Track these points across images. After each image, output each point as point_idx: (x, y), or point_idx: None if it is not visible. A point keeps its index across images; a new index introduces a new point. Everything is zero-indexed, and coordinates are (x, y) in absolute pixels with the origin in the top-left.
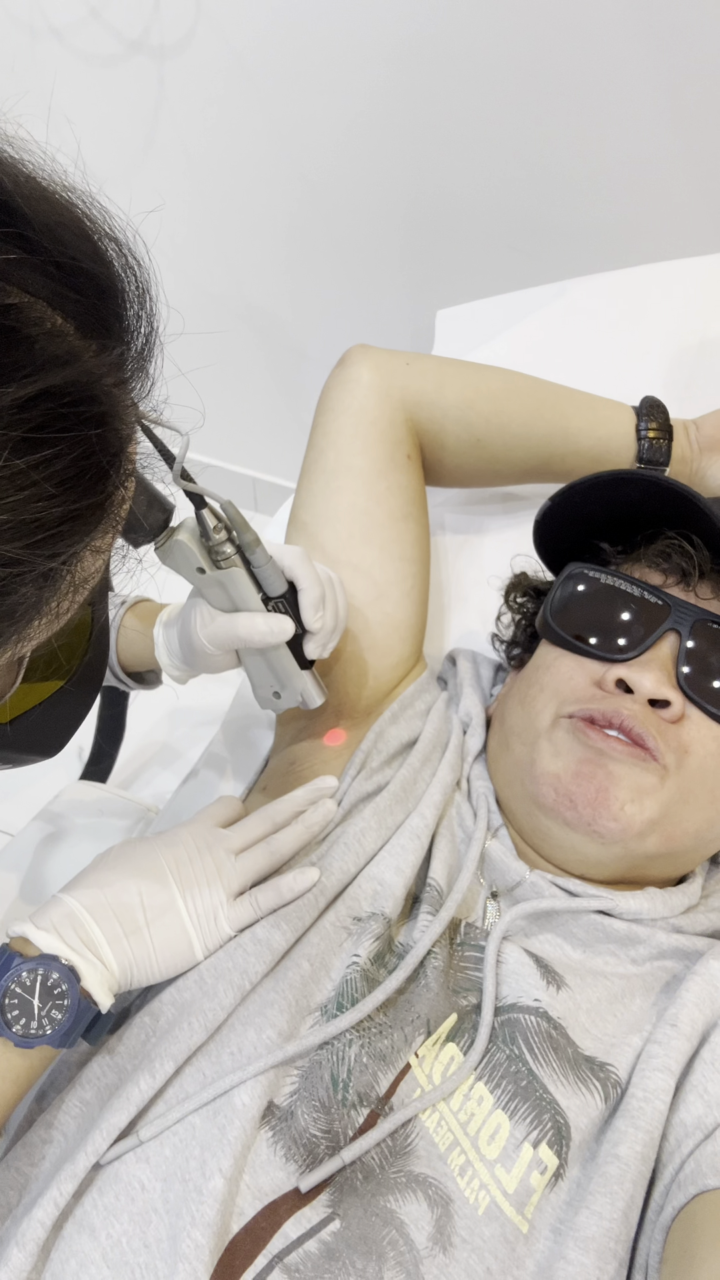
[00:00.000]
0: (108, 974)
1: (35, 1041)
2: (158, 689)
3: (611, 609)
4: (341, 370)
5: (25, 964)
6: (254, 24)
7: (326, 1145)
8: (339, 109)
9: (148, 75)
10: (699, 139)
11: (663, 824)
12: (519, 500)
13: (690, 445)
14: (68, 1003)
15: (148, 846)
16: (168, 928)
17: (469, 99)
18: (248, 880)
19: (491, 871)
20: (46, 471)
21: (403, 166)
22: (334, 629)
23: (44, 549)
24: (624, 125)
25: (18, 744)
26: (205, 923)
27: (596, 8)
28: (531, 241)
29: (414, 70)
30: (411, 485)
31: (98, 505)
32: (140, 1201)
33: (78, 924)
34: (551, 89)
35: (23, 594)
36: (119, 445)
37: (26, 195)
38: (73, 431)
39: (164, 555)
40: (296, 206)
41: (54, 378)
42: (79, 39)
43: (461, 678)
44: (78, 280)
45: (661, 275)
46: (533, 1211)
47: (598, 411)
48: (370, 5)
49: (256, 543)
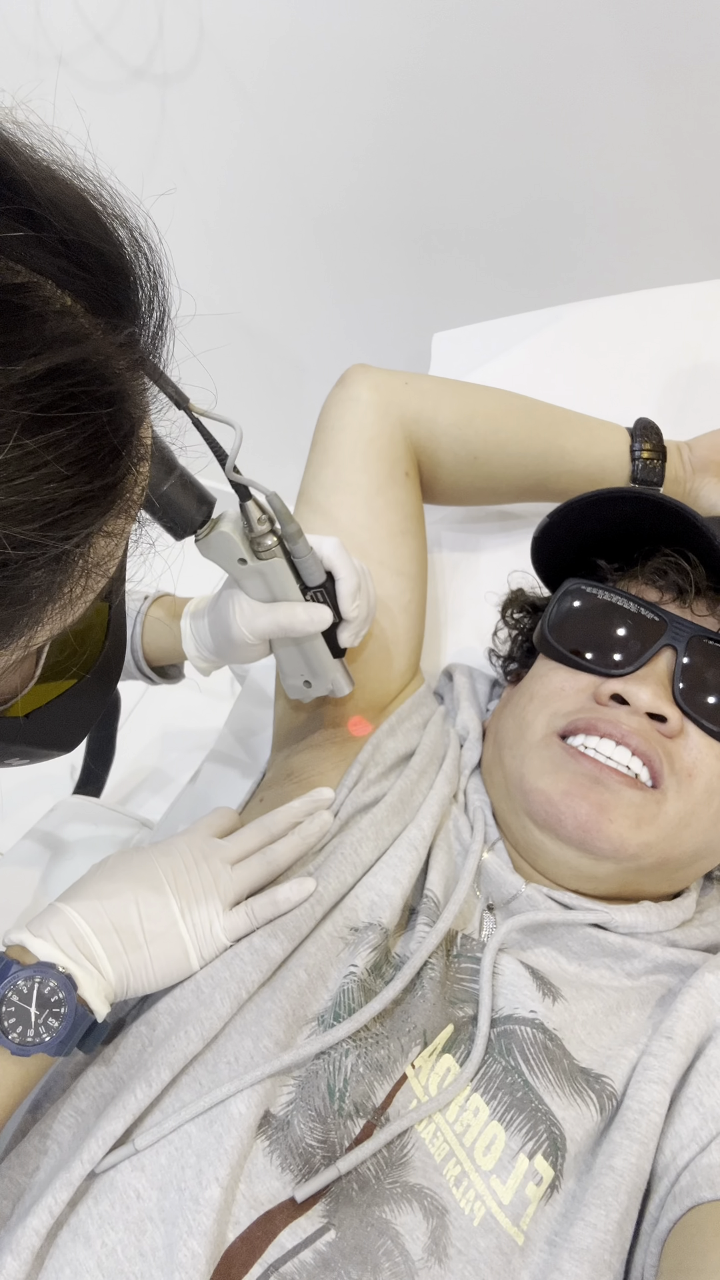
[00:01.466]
0: (104, 983)
1: (32, 1049)
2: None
3: (608, 624)
4: (341, 389)
5: (22, 972)
6: (256, 52)
7: (323, 1155)
8: (339, 136)
9: (151, 101)
10: (691, 169)
11: (660, 845)
12: (515, 518)
13: (684, 466)
14: (65, 1011)
15: (145, 856)
16: (164, 938)
17: (467, 128)
18: (244, 890)
19: (488, 884)
20: (58, 452)
21: (401, 192)
22: (368, 617)
23: (56, 531)
24: (618, 156)
25: (35, 738)
26: (201, 932)
27: (593, 41)
28: (527, 267)
29: (413, 99)
30: (409, 502)
31: (110, 486)
32: (136, 1210)
33: (75, 933)
34: (547, 119)
35: (35, 578)
36: (130, 426)
37: (34, 175)
38: (84, 411)
39: (205, 547)
40: (296, 231)
41: (63, 355)
42: (84, 65)
43: (459, 692)
44: (86, 259)
45: (655, 301)
46: (528, 1223)
47: (593, 432)
48: (371, 36)
49: (299, 534)
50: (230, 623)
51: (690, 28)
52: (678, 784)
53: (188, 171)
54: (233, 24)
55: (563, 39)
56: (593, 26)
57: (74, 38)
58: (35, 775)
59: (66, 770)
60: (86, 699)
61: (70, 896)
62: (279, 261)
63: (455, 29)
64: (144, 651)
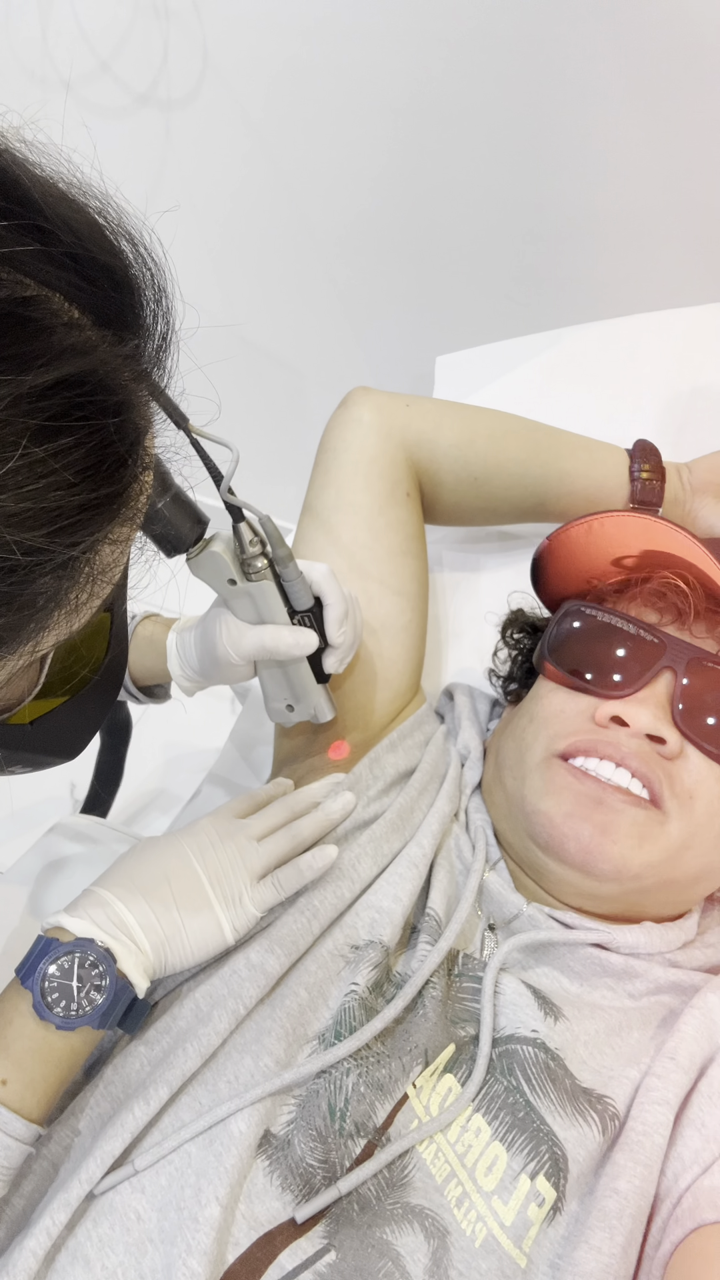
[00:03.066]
0: (143, 957)
1: (76, 1022)
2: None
3: (607, 646)
4: (343, 411)
5: (63, 948)
6: (259, 78)
7: (323, 1175)
8: (342, 161)
9: (155, 126)
10: (687, 197)
11: (662, 867)
12: (515, 539)
13: (683, 487)
14: (106, 983)
15: (171, 838)
16: (197, 911)
17: (469, 154)
18: (270, 864)
19: (489, 903)
20: (65, 460)
21: (404, 217)
22: (353, 644)
23: (63, 538)
24: (616, 183)
25: (39, 745)
26: (232, 904)
27: (593, 72)
28: (528, 291)
29: (416, 124)
30: (411, 522)
31: (116, 494)
32: (136, 1232)
33: (110, 911)
34: (548, 147)
35: (43, 584)
36: (136, 435)
37: (43, 192)
38: (91, 420)
39: (196, 566)
40: (300, 255)
41: (71, 366)
42: (89, 91)
43: (460, 711)
44: (93, 273)
45: (653, 324)
46: (530, 1245)
47: (592, 453)
48: (374, 63)
49: (290, 557)
50: (216, 642)
51: (687, 60)
52: (678, 806)
53: (192, 195)
54: (236, 51)
55: (564, 69)
56: (593, 57)
57: (80, 63)
58: (36, 799)
59: (66, 790)
60: (90, 706)
61: (103, 880)
62: (283, 286)
63: (459, 57)
64: (130, 670)
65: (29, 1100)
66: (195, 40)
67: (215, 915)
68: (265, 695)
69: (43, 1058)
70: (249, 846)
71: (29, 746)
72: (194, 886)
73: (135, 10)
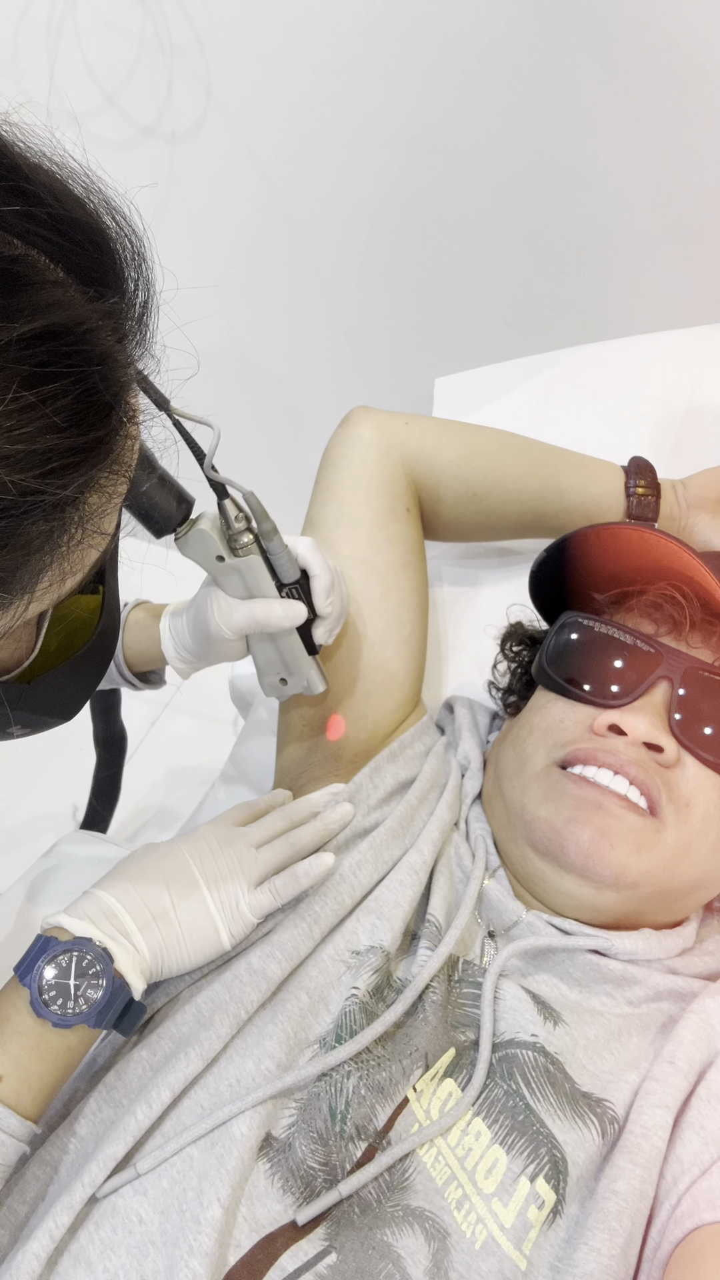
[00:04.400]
0: (140, 958)
1: (73, 1021)
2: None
3: (605, 656)
4: (344, 429)
5: (61, 946)
6: (261, 112)
7: (324, 1178)
8: (342, 192)
9: (159, 159)
10: (681, 222)
11: (659, 875)
12: (513, 554)
13: (678, 503)
14: (103, 982)
15: (170, 844)
16: (194, 914)
17: (468, 182)
18: (268, 871)
19: (488, 911)
20: (55, 405)
21: (403, 246)
22: (340, 614)
23: (54, 479)
24: (612, 209)
25: (39, 705)
26: (229, 910)
27: (589, 100)
28: (526, 314)
29: (415, 156)
30: (410, 537)
31: (102, 440)
32: (138, 1234)
33: (109, 912)
34: (546, 173)
35: (36, 526)
36: (119, 387)
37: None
38: (76, 368)
39: (184, 545)
40: (301, 280)
41: (55, 317)
42: (95, 124)
43: (460, 723)
44: (74, 235)
45: (648, 346)
46: (531, 1248)
47: (589, 469)
48: (373, 96)
49: (274, 531)
50: (208, 620)
51: (680, 91)
52: (676, 813)
53: (194, 224)
54: (239, 85)
55: (561, 101)
56: (589, 86)
57: (87, 97)
58: (37, 813)
59: (69, 810)
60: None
61: (103, 882)
62: (284, 309)
63: (459, 91)
64: (125, 655)
65: (25, 1097)
66: (199, 75)
67: (212, 921)
68: (259, 671)
69: (39, 1055)
70: (247, 854)
71: (29, 706)
72: (192, 892)
73: (140, 45)
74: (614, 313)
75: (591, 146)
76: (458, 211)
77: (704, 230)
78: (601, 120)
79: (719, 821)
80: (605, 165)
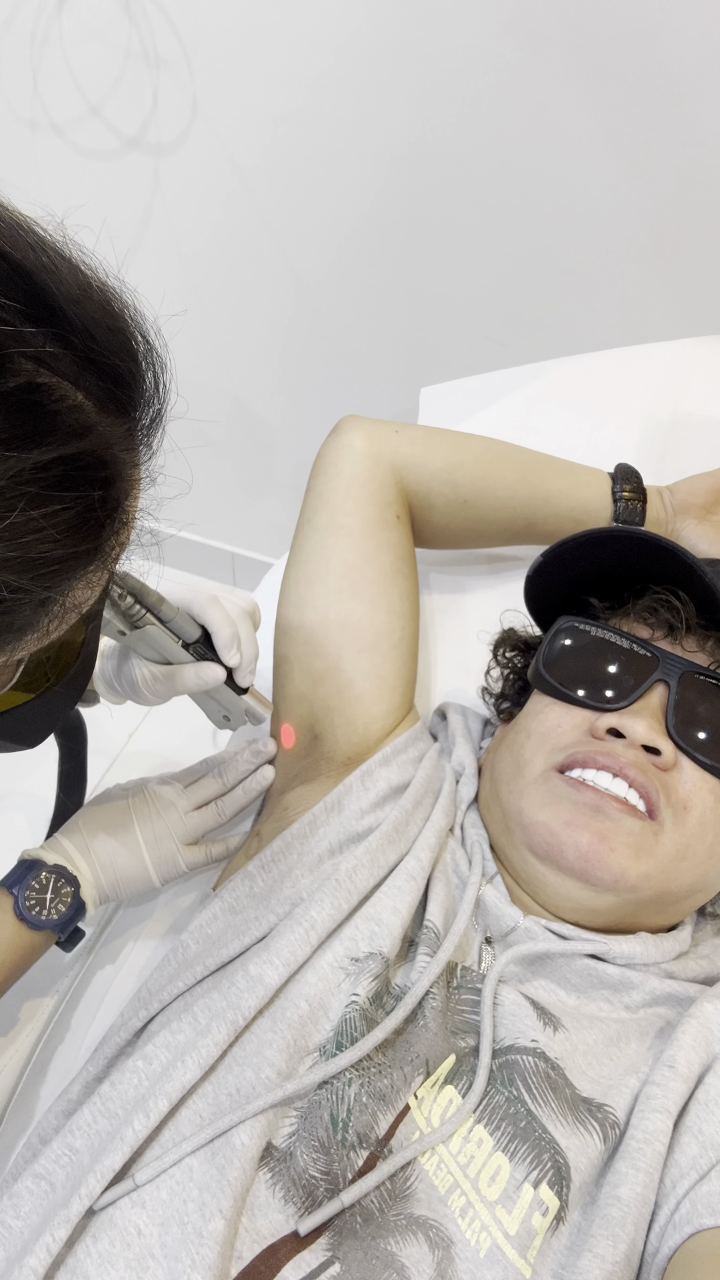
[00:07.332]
0: (95, 890)
1: (43, 925)
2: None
3: (601, 661)
4: (334, 438)
5: (45, 867)
6: (247, 124)
7: (326, 1187)
8: (327, 206)
9: (144, 171)
10: (664, 238)
11: (657, 878)
12: (503, 561)
13: (665, 508)
14: (70, 900)
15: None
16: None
17: (454, 197)
18: (198, 834)
19: (486, 917)
20: (54, 521)
21: (389, 256)
22: (254, 657)
23: (44, 581)
24: (597, 224)
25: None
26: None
27: (575, 119)
28: (511, 326)
29: (400, 172)
30: (400, 544)
31: (93, 549)
32: (137, 1247)
33: (76, 849)
34: (532, 190)
35: (23, 615)
36: (118, 501)
37: (70, 296)
38: (81, 491)
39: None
40: (286, 293)
41: (71, 447)
42: (79, 135)
43: (453, 729)
44: (104, 370)
45: (632, 358)
46: (535, 1256)
47: (576, 476)
48: (358, 111)
49: (160, 600)
50: (138, 688)
51: (665, 111)
52: (673, 816)
53: (176, 237)
54: (224, 98)
55: (545, 115)
56: (572, 103)
57: (71, 108)
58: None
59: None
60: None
61: (67, 829)
62: (266, 323)
63: (443, 104)
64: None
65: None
66: (185, 87)
67: (148, 871)
68: (204, 712)
69: (12, 945)
70: (179, 820)
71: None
72: (132, 845)
73: (126, 57)
74: (598, 325)
75: (575, 163)
76: (441, 225)
77: (685, 247)
78: (585, 137)
79: (715, 824)
80: (588, 182)
